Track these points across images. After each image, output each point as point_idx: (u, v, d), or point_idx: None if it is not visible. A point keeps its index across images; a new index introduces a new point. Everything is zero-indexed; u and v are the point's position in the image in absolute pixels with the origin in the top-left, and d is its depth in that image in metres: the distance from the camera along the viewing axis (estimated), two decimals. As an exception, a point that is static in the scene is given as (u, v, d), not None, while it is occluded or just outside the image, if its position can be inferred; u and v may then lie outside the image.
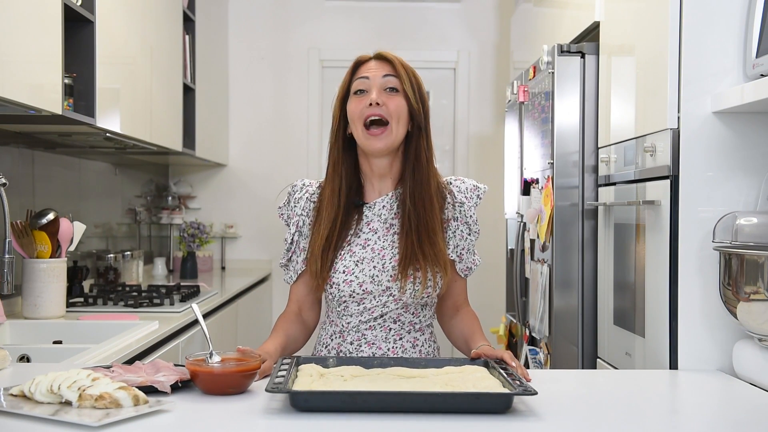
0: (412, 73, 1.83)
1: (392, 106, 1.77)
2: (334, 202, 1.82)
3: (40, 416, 1.37)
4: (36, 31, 2.22)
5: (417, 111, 1.79)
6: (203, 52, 4.34)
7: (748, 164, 1.98)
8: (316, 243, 1.82)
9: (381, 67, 1.81)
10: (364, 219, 1.84)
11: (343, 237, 1.82)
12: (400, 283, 1.78)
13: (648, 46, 2.20)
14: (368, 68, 1.81)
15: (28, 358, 2.20)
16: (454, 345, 1.92)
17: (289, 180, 5.60)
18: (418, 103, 1.80)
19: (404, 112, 1.78)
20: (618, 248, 2.44)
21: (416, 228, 1.78)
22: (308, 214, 1.87)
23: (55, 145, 3.12)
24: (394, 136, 1.78)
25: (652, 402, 1.65)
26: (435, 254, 1.78)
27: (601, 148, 2.62)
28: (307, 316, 1.92)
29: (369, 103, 1.76)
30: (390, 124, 1.77)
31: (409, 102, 1.79)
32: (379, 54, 1.84)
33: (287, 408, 1.45)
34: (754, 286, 1.72)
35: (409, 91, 1.79)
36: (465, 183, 1.89)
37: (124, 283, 3.67)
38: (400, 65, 1.81)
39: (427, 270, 1.77)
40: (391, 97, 1.78)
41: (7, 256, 2.07)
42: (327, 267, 1.80)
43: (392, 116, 1.77)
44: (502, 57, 5.05)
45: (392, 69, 1.80)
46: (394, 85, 1.79)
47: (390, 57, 1.82)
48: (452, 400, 1.44)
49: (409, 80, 1.80)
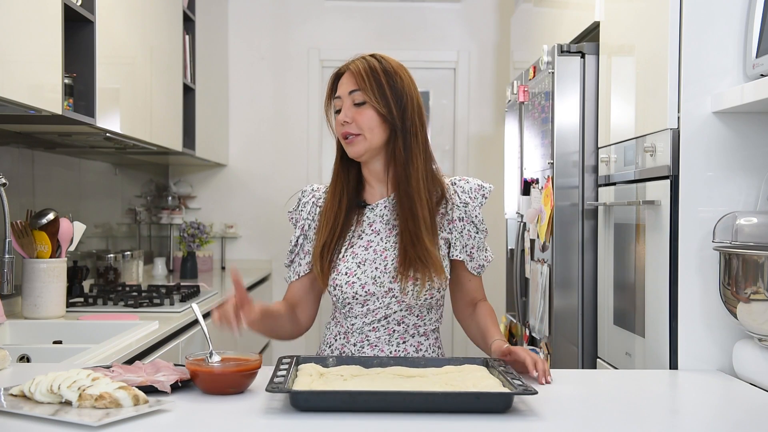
0: (383, 77, 1.80)
1: (360, 120, 1.80)
2: (335, 203, 1.85)
3: (40, 416, 1.37)
4: (36, 31, 2.22)
5: (387, 116, 1.80)
6: (203, 52, 4.34)
7: (748, 164, 1.98)
8: (318, 244, 1.84)
9: (348, 82, 1.82)
10: (366, 220, 1.86)
11: (345, 238, 1.84)
12: (401, 284, 1.78)
13: (648, 46, 2.20)
14: (341, 84, 1.84)
15: (28, 358, 2.20)
16: (473, 340, 1.94)
17: (289, 180, 5.59)
18: (389, 107, 1.80)
19: (374, 121, 1.80)
20: (618, 248, 2.44)
21: (407, 231, 1.79)
22: (314, 218, 1.90)
23: (55, 145, 3.12)
24: (368, 143, 1.80)
25: (652, 402, 1.65)
26: (423, 257, 1.78)
27: (601, 148, 2.62)
28: (301, 314, 1.93)
29: (342, 122, 1.81)
30: (362, 134, 1.80)
31: (377, 110, 1.80)
32: (348, 65, 1.85)
33: (287, 408, 1.45)
34: (754, 286, 1.72)
35: (374, 101, 1.79)
36: (469, 183, 1.90)
37: (124, 283, 3.67)
38: (363, 75, 1.80)
39: (423, 272, 1.78)
40: (359, 111, 1.80)
41: (7, 256, 2.07)
42: (327, 267, 1.82)
43: (363, 128, 1.80)
44: (502, 57, 5.05)
45: (355, 83, 1.81)
46: (360, 99, 1.81)
47: (354, 69, 1.82)
48: (452, 400, 1.44)
49: (376, 88, 1.79)
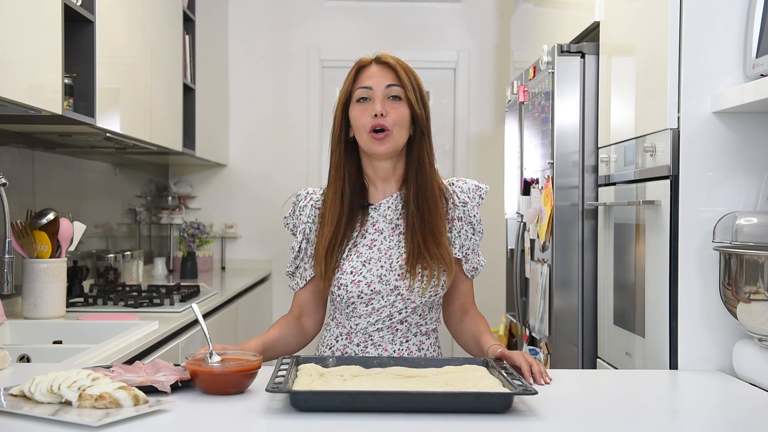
0: (414, 77, 1.83)
1: (395, 115, 1.79)
2: (338, 204, 1.84)
3: (40, 416, 1.37)
4: (36, 31, 2.22)
5: (419, 117, 1.82)
6: (203, 52, 4.34)
7: (748, 164, 1.98)
8: (320, 245, 1.83)
9: (383, 74, 1.81)
10: (369, 220, 1.86)
11: (348, 238, 1.84)
12: (409, 281, 1.79)
13: (648, 46, 2.20)
14: (370, 76, 1.82)
15: (28, 358, 2.20)
16: (464, 347, 1.93)
17: (289, 180, 5.58)
18: (421, 109, 1.82)
19: (406, 119, 1.81)
20: (618, 248, 2.44)
21: (420, 228, 1.81)
22: (314, 221, 1.89)
23: (55, 145, 3.12)
24: (396, 141, 1.80)
25: (652, 402, 1.65)
26: (440, 252, 1.80)
27: (601, 148, 2.62)
28: (308, 322, 1.92)
29: (374, 114, 1.78)
30: (392, 130, 1.79)
31: (412, 108, 1.81)
32: (380, 58, 1.84)
33: (287, 408, 1.45)
34: (754, 286, 1.72)
35: (412, 99, 1.81)
36: (467, 183, 1.92)
37: (124, 283, 3.67)
38: (403, 72, 1.82)
39: (433, 268, 1.79)
40: (394, 106, 1.80)
41: (7, 256, 2.07)
42: (332, 268, 1.81)
43: (395, 124, 1.79)
44: (502, 57, 5.05)
45: (395, 78, 1.81)
46: (398, 94, 1.81)
47: (392, 63, 1.82)
48: (452, 400, 1.44)
49: (411, 87, 1.81)
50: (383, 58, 1.84)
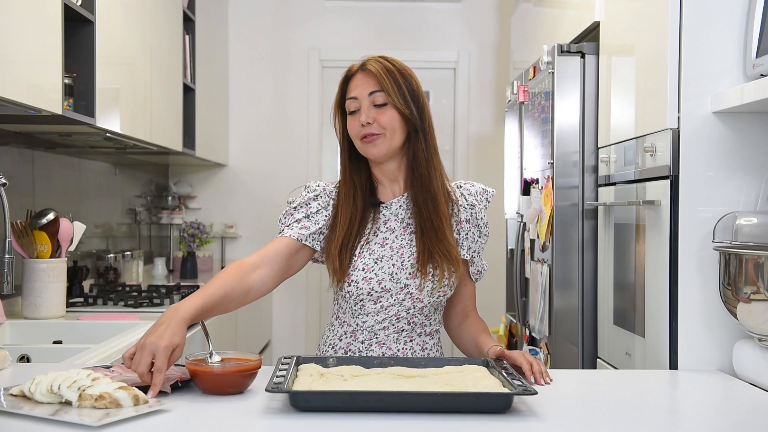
0: (400, 78, 1.82)
1: (383, 120, 1.80)
2: (350, 203, 1.85)
3: (40, 416, 1.37)
4: (36, 31, 2.22)
5: (409, 116, 1.82)
6: (203, 52, 4.34)
7: (748, 164, 1.98)
8: (333, 243, 1.84)
9: (366, 82, 1.82)
10: (381, 218, 1.87)
11: (361, 235, 1.85)
12: (420, 280, 1.80)
13: (648, 46, 2.20)
14: (355, 86, 1.83)
15: (28, 358, 2.20)
16: (464, 350, 1.94)
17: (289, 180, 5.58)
18: (410, 108, 1.81)
19: (396, 121, 1.81)
20: (618, 248, 2.44)
21: (426, 227, 1.82)
22: (327, 206, 1.87)
23: (55, 145, 3.12)
24: (389, 143, 1.82)
25: (652, 402, 1.65)
26: (447, 250, 1.81)
27: (601, 148, 2.62)
28: (260, 277, 1.76)
29: (361, 124, 1.81)
30: (383, 133, 1.81)
31: (399, 111, 1.81)
32: (364, 65, 1.84)
33: (287, 408, 1.45)
34: (754, 286, 1.72)
35: (397, 101, 1.80)
36: (474, 186, 1.94)
37: (124, 283, 3.67)
38: (384, 76, 1.80)
39: (443, 268, 1.81)
40: (381, 112, 1.81)
41: (7, 256, 2.07)
42: (346, 265, 1.82)
43: (385, 129, 1.81)
44: (502, 57, 5.05)
45: (377, 84, 1.81)
46: (382, 101, 1.81)
47: (373, 69, 1.81)
48: (452, 400, 1.44)
49: (396, 89, 1.80)
50: (367, 65, 1.83)
